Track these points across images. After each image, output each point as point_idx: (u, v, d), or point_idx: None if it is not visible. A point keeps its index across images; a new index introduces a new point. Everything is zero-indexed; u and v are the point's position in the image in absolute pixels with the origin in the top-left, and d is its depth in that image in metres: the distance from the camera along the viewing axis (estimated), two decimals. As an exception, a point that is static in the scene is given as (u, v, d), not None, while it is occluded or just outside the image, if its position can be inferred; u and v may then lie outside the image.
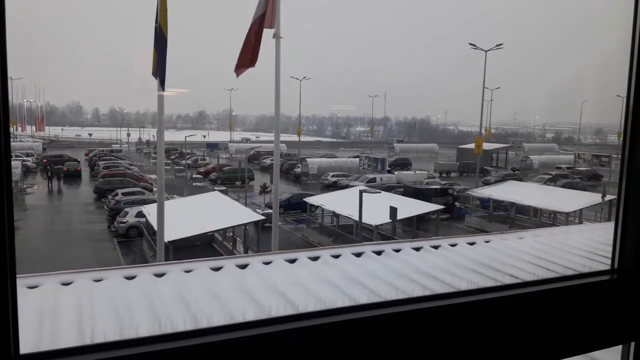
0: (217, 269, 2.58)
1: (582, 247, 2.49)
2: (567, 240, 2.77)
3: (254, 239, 23.72)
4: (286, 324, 1.03)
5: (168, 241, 16.92)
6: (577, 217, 28.00)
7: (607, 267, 1.38)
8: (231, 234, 24.40)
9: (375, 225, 23.72)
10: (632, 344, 1.36)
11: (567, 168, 51.26)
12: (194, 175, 46.08)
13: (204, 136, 74.94)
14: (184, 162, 50.36)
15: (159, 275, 2.53)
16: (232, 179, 44.41)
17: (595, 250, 2.26)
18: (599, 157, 54.32)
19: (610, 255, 1.41)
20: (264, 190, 36.44)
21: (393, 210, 22.70)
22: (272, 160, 26.51)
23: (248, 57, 13.92)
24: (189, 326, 1.03)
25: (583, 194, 32.68)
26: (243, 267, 2.51)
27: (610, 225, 1.42)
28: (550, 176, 44.37)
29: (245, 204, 31.21)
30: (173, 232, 17.79)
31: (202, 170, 48.56)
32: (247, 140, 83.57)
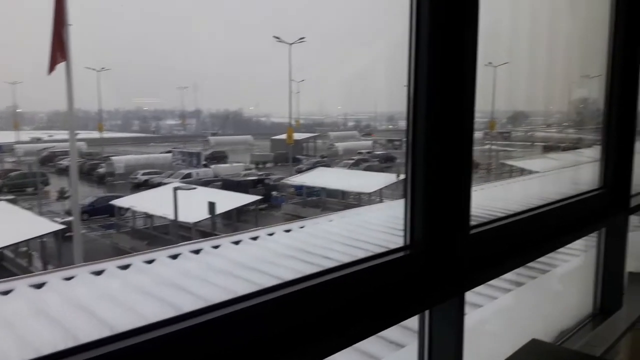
0: (6, 293, 2.21)
1: (383, 224, 2.73)
2: (370, 218, 3.04)
3: (54, 253, 21.16)
4: (97, 349, 0.90)
5: (-60, 266, 14.06)
6: (378, 196, 31.31)
7: (406, 241, 1.54)
8: (25, 249, 21.35)
9: (194, 223, 23.16)
10: (427, 312, 1.56)
11: (367, 152, 56.72)
12: (-30, 185, 38.98)
13: (-19, 138, 63.71)
14: (-45, 170, 42.22)
15: None
16: (21, 186, 38.63)
17: (395, 225, 2.51)
18: (392, 141, 61.30)
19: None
20: (62, 195, 32.64)
21: (211, 205, 22.47)
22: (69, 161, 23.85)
23: (52, 51, 12.68)
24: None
25: (381, 175, 36.64)
26: (39, 286, 2.20)
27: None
28: (353, 161, 48.68)
29: (40, 213, 27.59)
30: (-54, 254, 14.82)
31: (-19, 178, 41.34)
32: (39, 140, 73.51)
